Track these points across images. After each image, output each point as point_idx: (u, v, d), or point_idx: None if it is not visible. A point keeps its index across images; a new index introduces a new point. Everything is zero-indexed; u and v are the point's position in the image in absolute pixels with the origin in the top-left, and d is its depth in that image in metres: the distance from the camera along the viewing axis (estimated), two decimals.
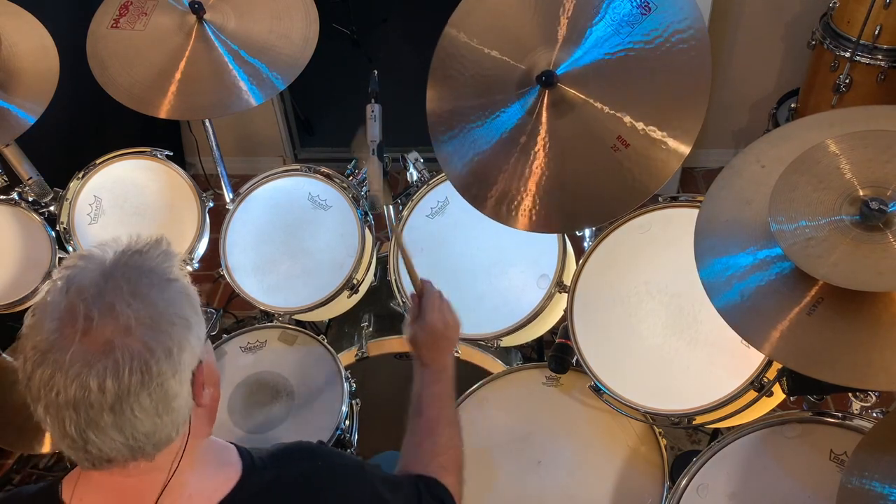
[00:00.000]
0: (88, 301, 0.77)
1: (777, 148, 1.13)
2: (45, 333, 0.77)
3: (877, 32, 2.14)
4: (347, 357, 1.81)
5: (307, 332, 1.72)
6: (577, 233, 1.56)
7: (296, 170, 1.83)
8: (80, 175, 1.85)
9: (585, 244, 1.56)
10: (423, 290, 1.24)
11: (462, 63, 1.45)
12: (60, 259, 1.82)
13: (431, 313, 1.20)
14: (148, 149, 1.87)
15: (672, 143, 1.25)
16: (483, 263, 1.67)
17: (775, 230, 0.98)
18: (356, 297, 1.81)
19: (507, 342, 1.63)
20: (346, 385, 1.58)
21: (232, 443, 0.97)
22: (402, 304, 1.70)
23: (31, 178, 1.79)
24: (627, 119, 1.28)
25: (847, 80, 2.26)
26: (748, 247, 1.07)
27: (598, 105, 1.30)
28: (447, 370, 1.19)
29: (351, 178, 1.83)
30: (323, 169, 1.81)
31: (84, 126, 2.59)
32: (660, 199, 1.45)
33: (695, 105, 1.25)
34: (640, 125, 1.27)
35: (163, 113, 1.67)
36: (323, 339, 1.68)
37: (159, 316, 0.79)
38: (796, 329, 0.99)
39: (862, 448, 0.99)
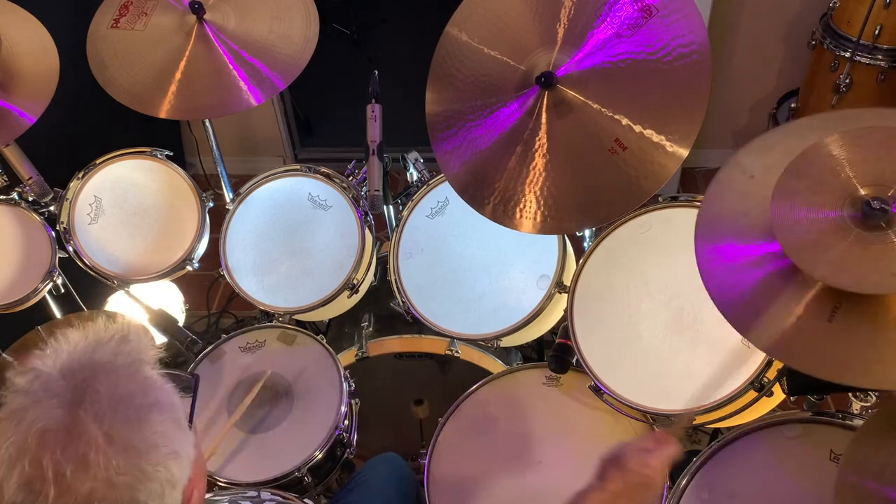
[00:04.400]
0: (56, 453, 0.66)
1: (777, 148, 1.13)
2: (8, 496, 0.67)
3: (877, 32, 2.15)
4: (347, 357, 1.81)
5: (307, 332, 1.72)
6: (577, 233, 1.56)
7: (296, 170, 1.83)
8: (80, 175, 1.85)
9: (585, 244, 1.56)
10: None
11: (462, 63, 1.45)
12: (60, 259, 1.82)
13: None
14: (148, 149, 1.87)
15: (670, 146, 1.25)
16: (483, 263, 1.67)
17: (775, 230, 0.98)
18: (356, 297, 1.81)
19: (507, 342, 1.63)
20: (345, 385, 1.58)
21: None
22: (401, 303, 1.70)
23: (31, 178, 1.78)
24: (626, 122, 1.28)
25: (847, 80, 2.27)
26: (748, 246, 1.07)
27: (597, 107, 1.30)
28: None
29: (351, 178, 1.83)
30: (323, 169, 1.81)
31: (84, 126, 2.59)
32: (660, 199, 1.45)
33: (693, 109, 1.24)
34: (637, 128, 1.27)
35: (163, 113, 1.67)
36: (323, 339, 1.68)
37: (142, 460, 0.70)
38: (797, 328, 0.99)
39: (855, 444, 0.99)
